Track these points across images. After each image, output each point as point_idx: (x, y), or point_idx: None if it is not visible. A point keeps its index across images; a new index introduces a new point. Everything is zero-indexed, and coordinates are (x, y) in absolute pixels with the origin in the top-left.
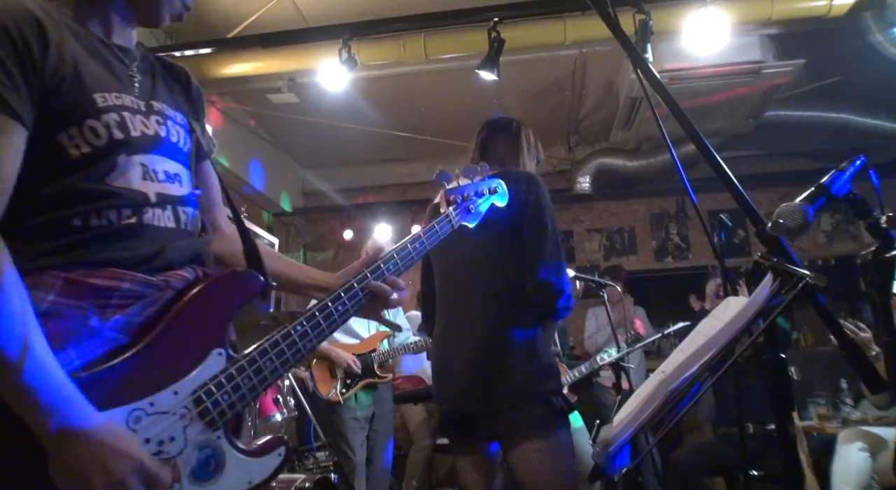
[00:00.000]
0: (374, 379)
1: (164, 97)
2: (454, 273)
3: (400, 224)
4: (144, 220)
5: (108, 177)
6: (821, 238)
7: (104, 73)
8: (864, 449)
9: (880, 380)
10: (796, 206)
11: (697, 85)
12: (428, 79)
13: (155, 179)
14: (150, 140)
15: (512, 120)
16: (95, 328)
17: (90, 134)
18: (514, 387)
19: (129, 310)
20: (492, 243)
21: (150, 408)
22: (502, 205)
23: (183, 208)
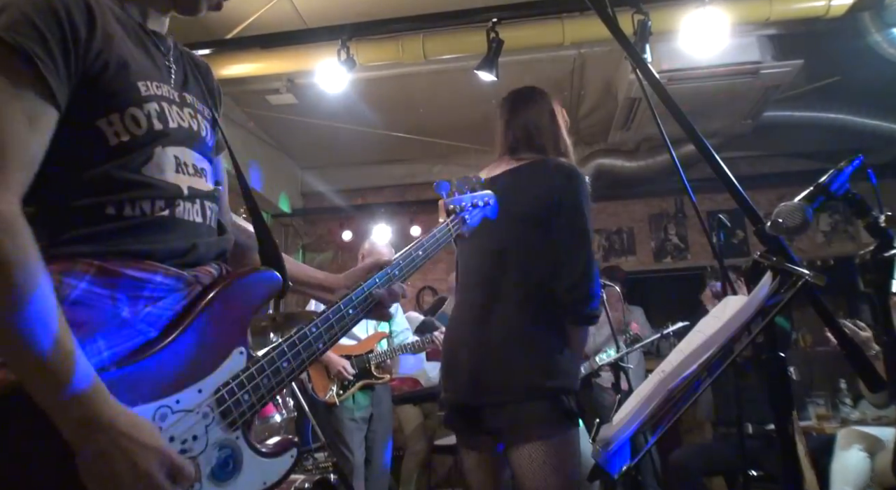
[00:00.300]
0: (371, 380)
1: (194, 89)
2: (476, 265)
3: (399, 225)
4: (177, 213)
5: (145, 167)
6: (819, 238)
7: (146, 61)
8: (862, 449)
9: (879, 379)
10: (795, 206)
11: (696, 85)
12: (427, 79)
13: (187, 173)
14: (184, 133)
15: (540, 92)
16: (126, 319)
17: (131, 122)
18: (522, 380)
19: (160, 303)
20: (517, 237)
21: (175, 405)
22: (493, 218)
23: (209, 204)
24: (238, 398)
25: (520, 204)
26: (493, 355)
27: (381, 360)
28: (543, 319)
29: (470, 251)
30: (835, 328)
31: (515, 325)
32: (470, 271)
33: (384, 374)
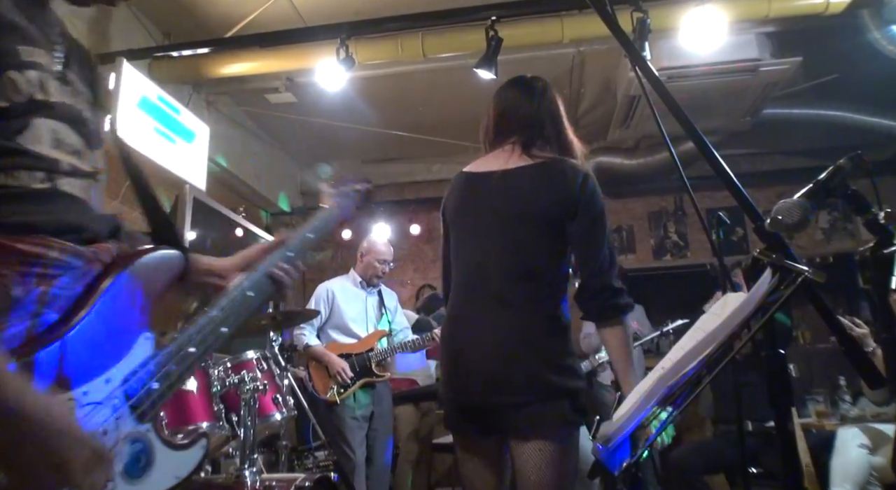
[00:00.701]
0: (371, 378)
1: (77, 72)
2: (482, 262)
3: (398, 223)
4: (59, 185)
5: (20, 136)
6: (819, 236)
7: (31, 27)
8: (863, 445)
9: (879, 376)
10: (795, 203)
11: (695, 83)
12: (426, 78)
13: (65, 150)
14: (66, 110)
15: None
16: (18, 299)
17: (9, 87)
18: (546, 380)
19: (56, 282)
20: (532, 237)
21: (83, 398)
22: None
23: (93, 184)
24: (148, 387)
25: (537, 204)
26: (512, 356)
27: (382, 357)
28: (556, 320)
29: (474, 248)
30: (834, 324)
31: (531, 325)
32: (474, 269)
33: (384, 372)
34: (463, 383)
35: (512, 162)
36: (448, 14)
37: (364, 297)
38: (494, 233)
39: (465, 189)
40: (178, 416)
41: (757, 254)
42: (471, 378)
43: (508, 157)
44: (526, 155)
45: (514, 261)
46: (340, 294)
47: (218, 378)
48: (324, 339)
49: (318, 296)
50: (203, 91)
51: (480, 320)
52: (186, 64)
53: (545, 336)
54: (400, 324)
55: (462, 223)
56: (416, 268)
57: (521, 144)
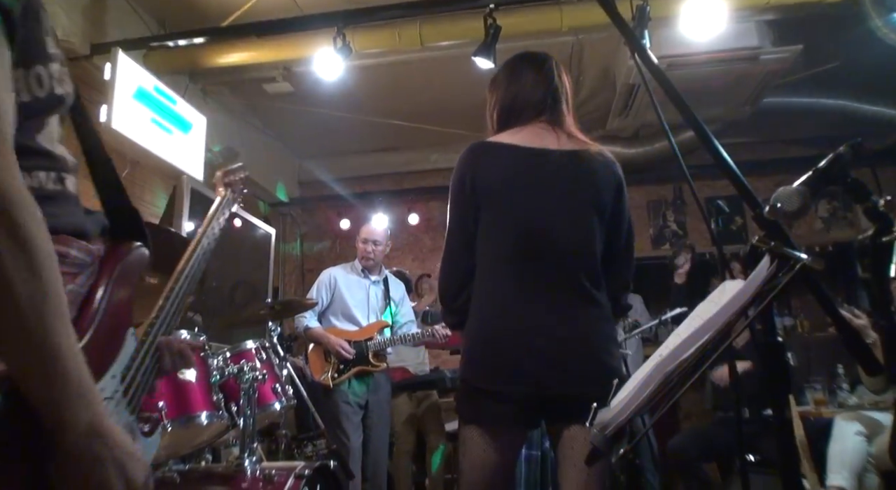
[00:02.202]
0: (367, 367)
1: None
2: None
3: (397, 213)
4: (66, 186)
5: (39, 135)
6: (818, 225)
7: (46, 15)
8: (860, 433)
9: (877, 363)
10: (794, 190)
11: (694, 71)
12: (424, 67)
13: (63, 145)
14: (69, 101)
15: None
16: None
17: (34, 82)
18: (614, 368)
19: (77, 280)
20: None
21: (100, 394)
22: None
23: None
24: (138, 380)
25: (602, 191)
26: (598, 347)
27: (380, 348)
28: (606, 307)
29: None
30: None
31: (608, 315)
32: (541, 251)
33: (381, 362)
34: (527, 375)
35: (563, 142)
36: (446, 2)
37: (367, 286)
38: (567, 215)
39: (518, 163)
40: (178, 405)
41: (756, 241)
42: (545, 370)
43: (554, 136)
44: (570, 136)
45: (587, 246)
46: (343, 281)
47: (217, 368)
48: (325, 325)
49: (321, 281)
50: (199, 81)
51: (558, 309)
52: (182, 54)
53: (606, 323)
54: (405, 316)
55: (517, 199)
56: (415, 257)
57: (554, 123)
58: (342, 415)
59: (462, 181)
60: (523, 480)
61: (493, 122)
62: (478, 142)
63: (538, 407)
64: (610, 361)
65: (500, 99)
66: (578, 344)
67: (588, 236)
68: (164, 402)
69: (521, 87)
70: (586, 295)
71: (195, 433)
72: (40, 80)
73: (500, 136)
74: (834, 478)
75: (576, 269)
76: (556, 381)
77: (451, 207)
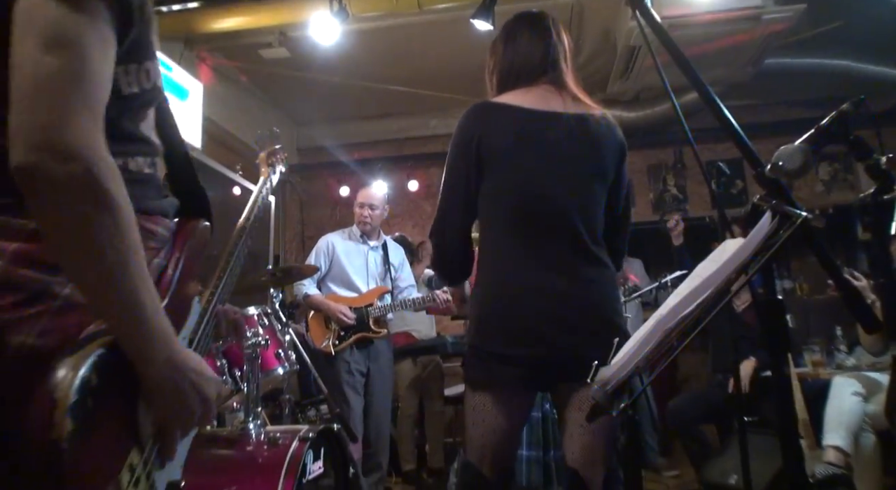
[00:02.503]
0: (368, 333)
1: None
2: (563, 204)
3: (396, 179)
4: (156, 170)
5: (142, 124)
6: (819, 187)
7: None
8: (857, 393)
9: (876, 320)
10: (796, 148)
11: (696, 32)
12: (422, 31)
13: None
14: None
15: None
16: None
17: (143, 75)
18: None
19: (160, 254)
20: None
21: None
22: None
23: None
24: (200, 344)
25: (607, 156)
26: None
27: (381, 314)
28: (612, 269)
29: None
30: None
31: (602, 275)
32: (550, 214)
33: (381, 329)
34: (538, 337)
35: (569, 105)
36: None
37: (365, 252)
38: (573, 179)
39: (527, 125)
40: None
41: (757, 200)
42: (556, 332)
43: (560, 99)
44: (575, 99)
45: (593, 212)
46: (341, 247)
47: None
48: (324, 292)
49: (319, 248)
50: (195, 47)
51: (566, 271)
52: (176, 19)
53: (613, 285)
54: (405, 281)
55: (525, 162)
56: (415, 224)
57: (558, 85)
58: (343, 382)
59: (467, 141)
60: (525, 442)
61: (493, 85)
62: (483, 101)
63: (548, 369)
64: (619, 322)
65: (499, 61)
66: (588, 305)
67: (592, 201)
68: None
69: (519, 48)
70: (592, 257)
71: None
72: (148, 74)
73: (506, 97)
74: (831, 437)
75: (581, 232)
76: (566, 342)
77: (452, 166)
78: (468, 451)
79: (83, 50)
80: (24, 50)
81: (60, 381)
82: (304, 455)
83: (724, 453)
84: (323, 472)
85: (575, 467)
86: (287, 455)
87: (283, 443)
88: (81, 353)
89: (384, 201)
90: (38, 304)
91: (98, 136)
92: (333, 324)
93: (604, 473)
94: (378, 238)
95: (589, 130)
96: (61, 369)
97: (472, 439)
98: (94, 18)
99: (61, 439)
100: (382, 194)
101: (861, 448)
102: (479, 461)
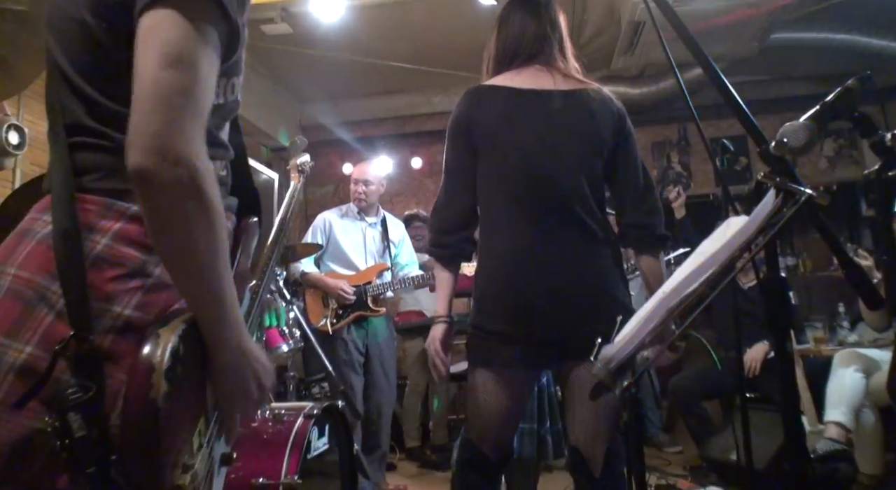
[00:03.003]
0: (366, 312)
1: None
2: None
3: (399, 156)
4: (228, 172)
5: (222, 131)
6: (823, 164)
7: None
8: (858, 370)
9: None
10: (801, 125)
11: (702, 7)
12: (425, 6)
13: None
14: None
15: None
16: None
17: (230, 89)
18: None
19: None
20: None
21: None
22: None
23: None
24: (251, 331)
25: (601, 130)
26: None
27: (380, 292)
28: (614, 246)
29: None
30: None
31: (616, 253)
32: (546, 192)
33: (380, 307)
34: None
35: (559, 83)
36: None
37: (363, 228)
38: (568, 156)
39: (516, 104)
40: None
41: (761, 177)
42: (559, 310)
43: (550, 77)
44: (566, 76)
45: (591, 186)
46: (338, 224)
47: None
48: (322, 270)
49: (316, 226)
50: None
51: (567, 250)
52: None
53: (622, 264)
54: (406, 257)
55: (518, 142)
56: (419, 201)
57: (549, 65)
58: (341, 361)
59: (462, 129)
60: None
61: (489, 70)
62: (475, 85)
63: (550, 347)
64: (623, 300)
65: (493, 47)
66: (590, 284)
67: (589, 176)
68: None
69: (511, 30)
70: (592, 235)
71: None
72: (234, 87)
73: (497, 79)
74: (832, 413)
75: (579, 209)
76: (570, 320)
77: (449, 149)
78: (468, 428)
79: (197, 69)
80: (146, 62)
81: (156, 348)
82: (309, 431)
83: (726, 430)
84: (328, 449)
85: (576, 445)
86: (292, 431)
87: (289, 420)
88: (171, 326)
89: (380, 177)
90: (135, 280)
91: (202, 144)
92: (331, 302)
93: (605, 450)
94: (376, 214)
95: (581, 105)
96: (156, 339)
97: (472, 418)
98: (208, 42)
99: (158, 398)
100: (377, 170)
101: (862, 424)
102: (480, 439)
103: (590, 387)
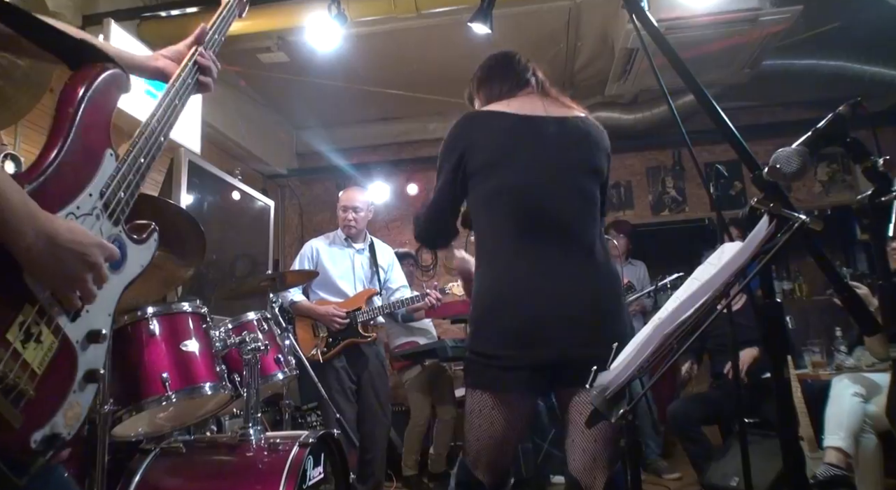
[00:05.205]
0: (357, 339)
1: None
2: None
3: (395, 183)
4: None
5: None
6: (817, 188)
7: None
8: (857, 394)
9: (874, 322)
10: (793, 151)
11: (693, 35)
12: (420, 35)
13: None
14: None
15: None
16: None
17: None
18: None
19: None
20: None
21: (77, 210)
22: None
23: None
24: (118, 197)
25: (596, 155)
26: (595, 309)
27: (370, 317)
28: (614, 270)
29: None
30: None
31: (616, 276)
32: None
33: (370, 333)
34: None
35: (550, 109)
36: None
37: (351, 255)
38: (568, 180)
39: (513, 129)
40: (182, 377)
41: (754, 203)
42: (560, 334)
43: (540, 104)
44: (556, 101)
45: (588, 210)
46: (325, 251)
47: (219, 339)
48: (312, 299)
49: (303, 254)
50: None
51: (567, 274)
52: (175, 24)
53: (619, 285)
54: (396, 282)
55: (516, 166)
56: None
57: (539, 92)
58: (334, 390)
59: (454, 149)
60: None
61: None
62: (471, 111)
63: (551, 372)
64: (624, 320)
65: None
66: (591, 308)
67: (589, 200)
68: (168, 374)
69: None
70: (593, 259)
71: (199, 404)
72: None
73: (493, 106)
74: (831, 439)
75: (580, 233)
76: (570, 344)
77: (442, 171)
78: (465, 453)
79: None
80: None
81: None
82: (305, 461)
83: (725, 455)
84: (323, 478)
85: (575, 474)
86: (287, 461)
87: (284, 449)
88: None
89: (368, 203)
90: None
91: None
92: (321, 331)
93: (605, 479)
94: (364, 240)
95: (576, 131)
96: None
97: (469, 442)
98: None
99: None
100: (366, 196)
101: (862, 449)
102: (475, 464)
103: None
